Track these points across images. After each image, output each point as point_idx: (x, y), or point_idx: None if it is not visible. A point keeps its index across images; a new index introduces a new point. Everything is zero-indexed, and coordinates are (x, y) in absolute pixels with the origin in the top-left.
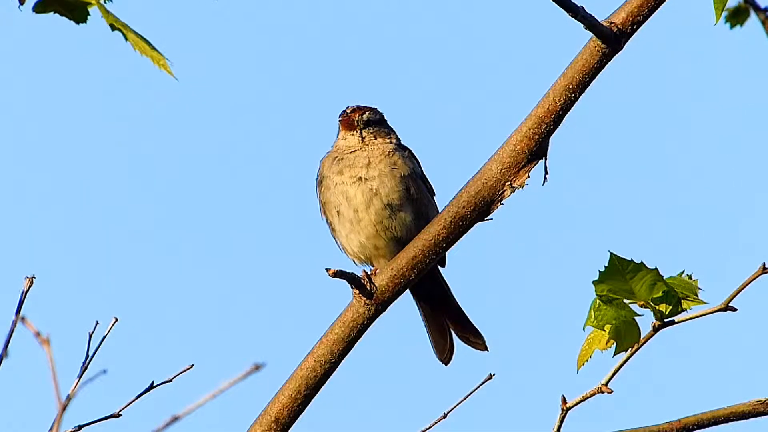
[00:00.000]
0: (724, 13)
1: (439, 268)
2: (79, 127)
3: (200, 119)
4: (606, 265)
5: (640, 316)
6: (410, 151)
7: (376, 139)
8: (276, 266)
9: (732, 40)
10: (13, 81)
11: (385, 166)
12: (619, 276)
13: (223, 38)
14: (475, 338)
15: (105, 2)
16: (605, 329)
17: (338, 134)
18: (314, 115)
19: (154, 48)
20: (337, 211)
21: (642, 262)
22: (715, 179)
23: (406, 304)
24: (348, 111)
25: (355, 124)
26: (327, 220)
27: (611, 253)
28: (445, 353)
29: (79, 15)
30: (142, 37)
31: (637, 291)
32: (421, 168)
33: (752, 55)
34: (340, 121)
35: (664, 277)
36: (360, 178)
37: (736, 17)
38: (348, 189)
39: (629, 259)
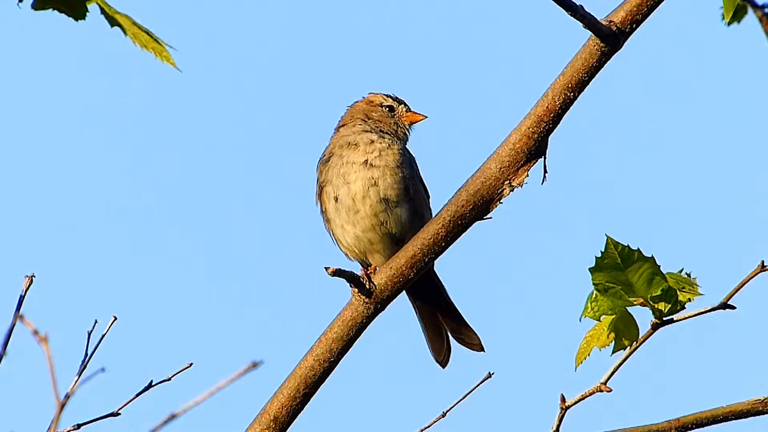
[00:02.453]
0: (722, 10)
1: (436, 270)
2: (79, 124)
3: (201, 115)
4: (602, 250)
5: (635, 305)
6: (411, 153)
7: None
8: (275, 265)
9: (730, 38)
10: (12, 79)
11: (393, 161)
12: (617, 266)
13: (225, 28)
14: (470, 339)
15: None
16: (602, 320)
17: (392, 112)
18: (316, 110)
19: (156, 39)
20: (335, 197)
21: (638, 248)
22: (714, 178)
23: (405, 303)
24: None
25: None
26: (322, 207)
27: (608, 237)
28: (442, 355)
29: (78, 11)
30: (143, 29)
31: (635, 283)
32: (418, 170)
33: (750, 51)
34: (409, 107)
35: (660, 269)
36: (366, 161)
37: (734, 15)
38: (350, 172)
39: (626, 244)
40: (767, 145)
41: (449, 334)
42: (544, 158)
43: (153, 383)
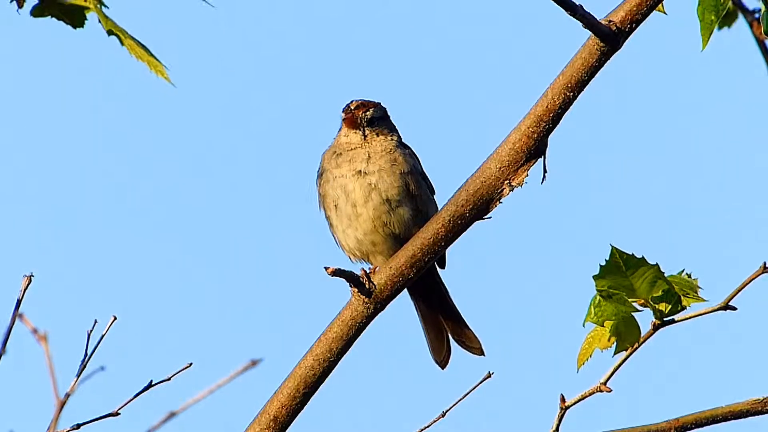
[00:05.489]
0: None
1: (438, 270)
2: (76, 130)
3: (198, 123)
4: (607, 259)
5: (640, 311)
6: (411, 149)
7: (378, 136)
8: (274, 264)
9: (728, 37)
10: (10, 84)
11: (385, 162)
12: (620, 271)
13: (220, 44)
14: (471, 342)
15: (101, 7)
16: (605, 325)
17: (340, 129)
18: (312, 117)
19: (151, 54)
20: (335, 205)
21: (643, 257)
22: (715, 178)
23: (405, 302)
24: (352, 107)
25: (359, 122)
26: (325, 214)
27: (612, 247)
28: (442, 356)
29: (76, 19)
30: (139, 43)
31: (637, 288)
32: (421, 166)
33: (741, 56)
34: (343, 119)
35: (665, 275)
36: (359, 171)
37: (725, 19)
38: (347, 182)
39: (630, 253)
40: None
41: (450, 336)
42: (544, 158)
43: (153, 383)
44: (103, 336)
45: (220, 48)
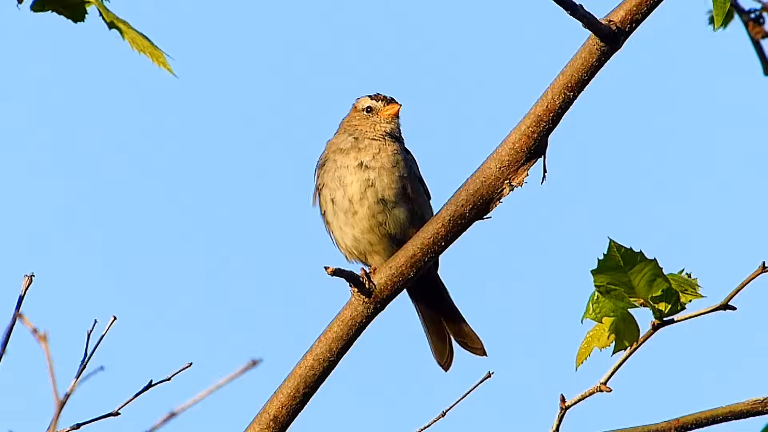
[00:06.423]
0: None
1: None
2: (77, 125)
3: (200, 116)
4: (605, 253)
5: (637, 307)
6: (411, 154)
7: (399, 134)
8: (274, 264)
9: (725, 38)
10: (11, 80)
11: (388, 162)
12: (619, 267)
13: (222, 34)
14: (474, 343)
15: (102, 0)
16: (603, 321)
17: (371, 113)
18: (314, 112)
19: (153, 45)
20: (332, 200)
21: (641, 251)
22: (715, 178)
23: (405, 303)
24: (390, 98)
25: (398, 114)
26: (321, 210)
27: (610, 240)
28: (444, 358)
29: (77, 13)
30: (141, 35)
31: (636, 285)
32: (419, 170)
33: (738, 55)
34: (387, 102)
35: (663, 271)
36: (362, 163)
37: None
38: (346, 174)
39: (628, 247)
40: None
41: (452, 338)
42: (544, 158)
43: (153, 383)
44: (103, 336)
45: (222, 39)
